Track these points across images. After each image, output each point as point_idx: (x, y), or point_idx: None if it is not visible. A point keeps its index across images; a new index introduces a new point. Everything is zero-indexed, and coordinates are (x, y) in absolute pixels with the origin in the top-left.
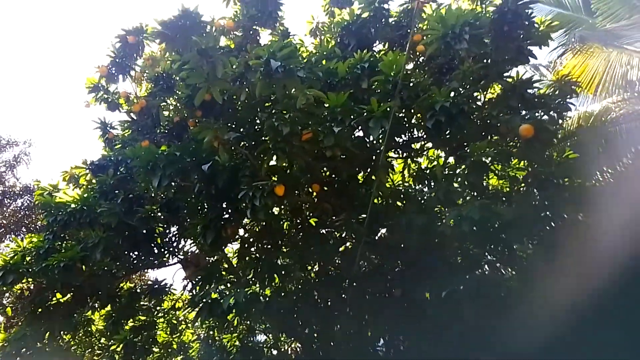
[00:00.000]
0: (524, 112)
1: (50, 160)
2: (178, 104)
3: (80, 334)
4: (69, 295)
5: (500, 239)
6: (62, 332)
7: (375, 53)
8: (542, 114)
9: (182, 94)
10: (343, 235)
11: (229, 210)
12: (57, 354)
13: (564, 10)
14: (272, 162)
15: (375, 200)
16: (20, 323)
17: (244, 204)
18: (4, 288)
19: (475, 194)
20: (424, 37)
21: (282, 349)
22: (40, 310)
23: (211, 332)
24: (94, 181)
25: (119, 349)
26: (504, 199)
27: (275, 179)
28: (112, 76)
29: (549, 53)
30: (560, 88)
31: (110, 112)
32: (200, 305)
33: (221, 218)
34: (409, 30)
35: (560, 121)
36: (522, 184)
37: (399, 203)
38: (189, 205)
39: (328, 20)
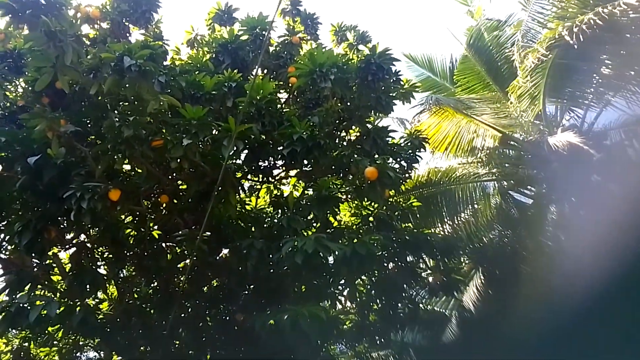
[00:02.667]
0: (375, 157)
1: None
2: (27, 87)
3: None
4: None
5: (340, 273)
6: None
7: (249, 77)
8: (392, 161)
9: (30, 76)
10: (184, 251)
11: (56, 211)
12: None
13: (434, 75)
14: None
15: (230, 221)
16: None
17: (68, 205)
18: None
19: (318, 225)
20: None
21: None
22: None
23: (25, 344)
24: None
25: None
26: (351, 235)
27: (111, 184)
28: None
29: (410, 109)
30: (412, 141)
31: None
32: (3, 314)
33: (46, 218)
34: (285, 62)
35: (410, 170)
36: (367, 224)
37: (245, 226)
38: (8, 199)
39: (208, 35)
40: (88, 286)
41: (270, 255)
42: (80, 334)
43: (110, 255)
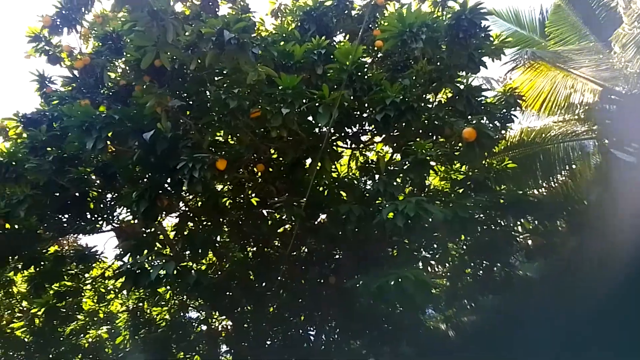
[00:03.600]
0: (469, 117)
1: None
2: (126, 67)
3: (0, 295)
4: None
5: (433, 237)
6: None
7: (335, 42)
8: (487, 121)
9: (130, 56)
10: (283, 217)
11: (167, 181)
12: None
13: (521, 29)
14: (217, 137)
15: (319, 188)
16: None
17: (181, 175)
18: None
19: (415, 190)
20: (381, 33)
21: (213, 326)
22: None
23: (140, 304)
24: (24, 135)
25: (40, 313)
26: (443, 198)
27: (218, 153)
28: (56, 28)
29: (501, 66)
30: (506, 100)
31: (50, 65)
32: (127, 274)
33: (157, 188)
34: (370, 25)
35: (503, 131)
36: (461, 187)
37: (341, 192)
38: (124, 172)
39: (291, 3)
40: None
41: (367, 220)
42: (194, 294)
43: (209, 223)
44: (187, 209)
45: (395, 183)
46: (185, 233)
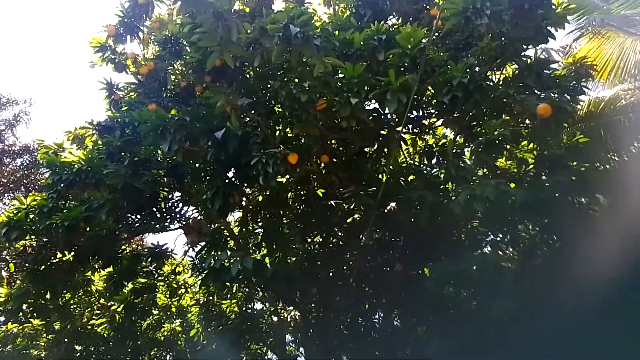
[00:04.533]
0: (539, 92)
1: (50, 120)
2: (185, 69)
3: (80, 293)
4: (70, 255)
5: (507, 220)
6: (62, 291)
7: (390, 25)
8: (557, 95)
9: (190, 58)
10: (351, 207)
11: (238, 177)
12: (57, 311)
13: None
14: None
15: (385, 175)
16: (21, 279)
17: (255, 171)
18: (7, 244)
19: (486, 172)
20: (442, 12)
21: (282, 317)
22: (42, 267)
23: (210, 298)
24: (99, 142)
25: (119, 309)
26: (515, 178)
27: (287, 147)
28: (120, 36)
29: (565, 36)
30: (576, 71)
31: (117, 73)
32: (207, 271)
33: (229, 184)
34: (424, 5)
35: (575, 104)
36: (531, 166)
37: (409, 178)
38: (195, 171)
39: None
40: (271, 245)
41: (440, 206)
42: (267, 286)
43: (270, 216)
44: (249, 203)
45: (465, 166)
46: (250, 227)
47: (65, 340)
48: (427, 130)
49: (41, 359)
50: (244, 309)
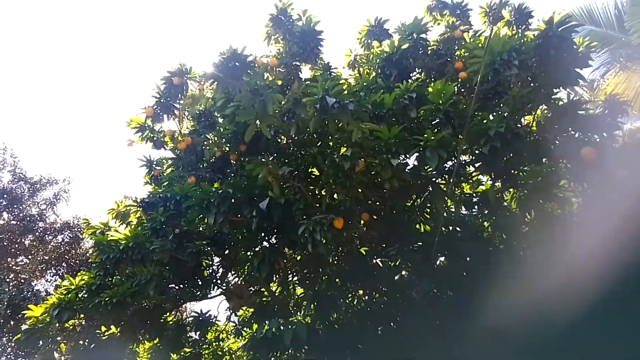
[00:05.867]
0: (574, 134)
1: (88, 196)
2: (218, 139)
3: None
4: (118, 330)
5: None
6: None
7: (416, 81)
8: (596, 134)
9: (225, 130)
10: (397, 263)
11: (281, 244)
12: None
13: (597, 27)
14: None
15: (427, 228)
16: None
17: (302, 239)
18: (57, 325)
19: (532, 218)
20: (466, 65)
21: None
22: (92, 346)
23: None
24: (143, 218)
25: None
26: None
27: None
28: (158, 116)
29: (591, 73)
30: (610, 107)
31: (155, 150)
32: (262, 341)
33: (274, 251)
34: (447, 59)
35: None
36: (575, 205)
37: (455, 230)
38: (240, 239)
39: (364, 53)
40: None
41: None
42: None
43: (312, 276)
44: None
45: (513, 214)
46: (294, 290)
47: None
48: (464, 179)
49: None
50: None
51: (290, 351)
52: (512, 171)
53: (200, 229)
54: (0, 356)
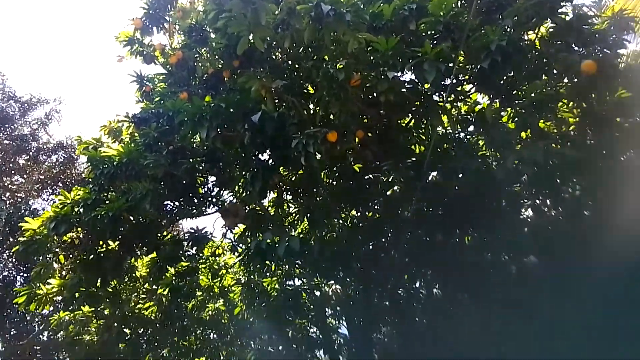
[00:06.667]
0: (578, 49)
1: (80, 116)
2: (210, 55)
3: (126, 280)
4: (116, 244)
5: (554, 182)
6: (112, 279)
7: None
8: (599, 51)
9: (217, 44)
10: (390, 179)
11: (275, 159)
12: (107, 298)
13: None
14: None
15: (422, 149)
16: (71, 271)
17: (295, 152)
18: (55, 237)
19: (529, 135)
20: None
21: (323, 291)
22: (91, 257)
23: (251, 277)
24: (136, 134)
25: (165, 293)
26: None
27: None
28: (147, 29)
29: None
30: (616, 24)
31: (145, 65)
32: (255, 251)
33: (267, 167)
34: None
35: (616, 59)
36: (573, 125)
37: (446, 147)
38: (232, 155)
39: None
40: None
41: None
42: (315, 263)
43: (306, 194)
44: (281, 183)
45: (508, 130)
46: (286, 207)
47: (115, 324)
48: (461, 98)
49: (93, 344)
50: (284, 286)
51: (283, 263)
52: (512, 91)
53: (194, 145)
54: (1, 272)
